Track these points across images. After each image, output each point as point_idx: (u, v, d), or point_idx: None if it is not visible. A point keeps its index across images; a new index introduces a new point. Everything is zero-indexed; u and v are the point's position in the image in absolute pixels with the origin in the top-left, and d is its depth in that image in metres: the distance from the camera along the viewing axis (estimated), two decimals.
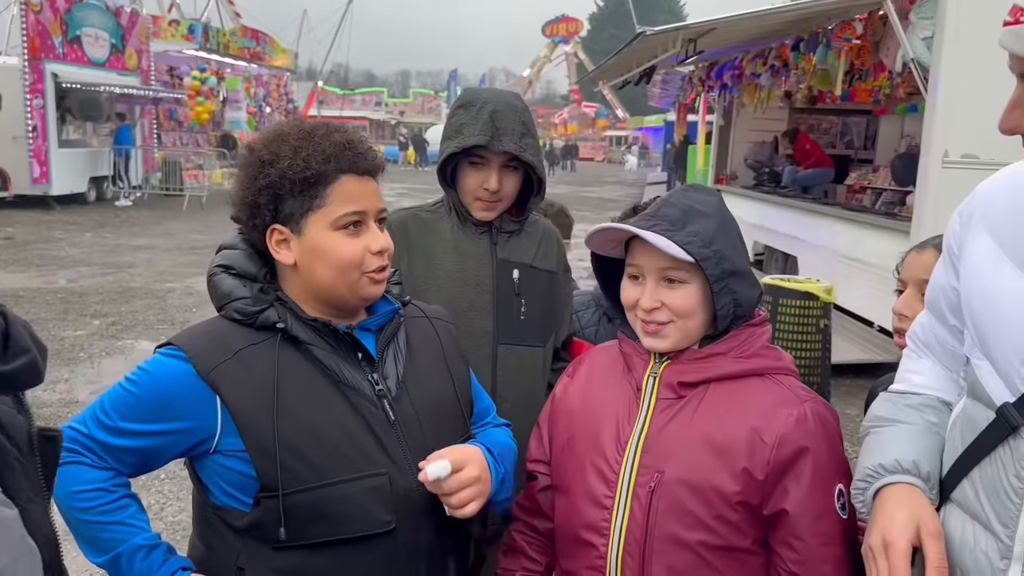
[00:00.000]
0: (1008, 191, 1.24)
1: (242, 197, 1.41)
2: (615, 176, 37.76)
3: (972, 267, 1.25)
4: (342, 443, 1.36)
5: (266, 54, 26.99)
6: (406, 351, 1.51)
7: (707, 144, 15.26)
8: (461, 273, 2.02)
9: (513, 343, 2.03)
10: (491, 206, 2.01)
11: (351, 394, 1.39)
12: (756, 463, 1.33)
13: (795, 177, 10.33)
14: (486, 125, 1.93)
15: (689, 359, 1.42)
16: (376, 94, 56.73)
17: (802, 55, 7.64)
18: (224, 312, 1.40)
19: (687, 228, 1.37)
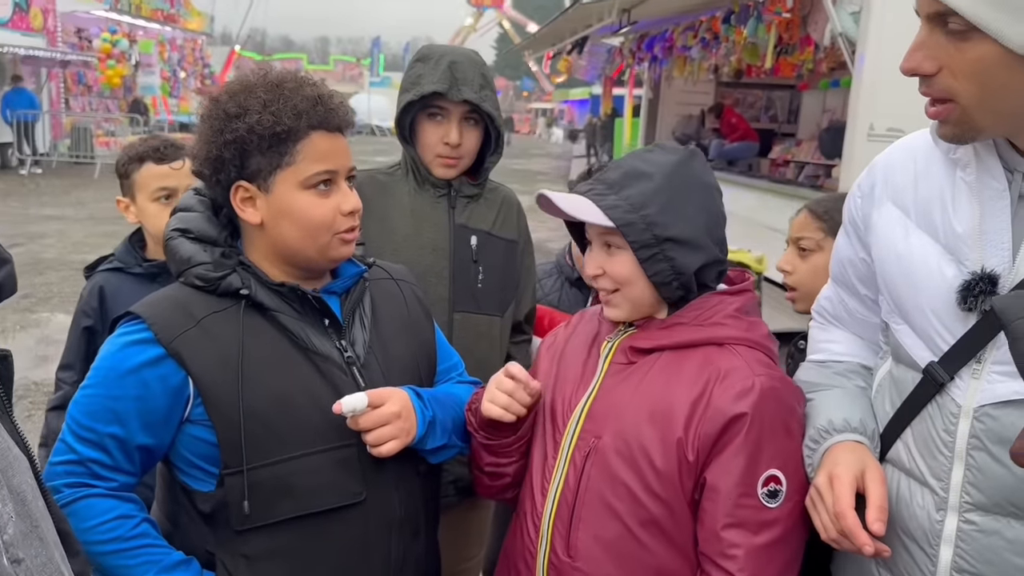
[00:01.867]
0: (907, 162, 1.30)
1: (206, 151, 1.33)
2: (542, 149, 37.84)
3: (883, 238, 1.30)
4: (311, 413, 1.31)
5: (180, 16, 25.93)
6: (372, 315, 1.46)
7: (634, 117, 15.38)
8: (417, 237, 1.97)
9: (469, 311, 1.99)
10: (452, 162, 1.96)
11: (320, 361, 1.35)
12: (689, 437, 1.28)
13: (721, 151, 10.52)
14: (445, 74, 1.88)
15: (652, 327, 1.39)
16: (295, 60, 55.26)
17: (733, 27, 7.74)
18: (184, 279, 1.34)
19: (622, 192, 1.32)
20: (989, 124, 1.12)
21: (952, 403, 1.19)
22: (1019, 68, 1.04)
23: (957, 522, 1.19)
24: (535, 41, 11.92)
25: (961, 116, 1.11)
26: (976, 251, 1.16)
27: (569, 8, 7.48)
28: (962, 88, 1.09)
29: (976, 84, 1.08)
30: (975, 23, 1.03)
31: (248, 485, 1.26)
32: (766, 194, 8.20)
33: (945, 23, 1.07)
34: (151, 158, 2.14)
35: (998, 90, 1.07)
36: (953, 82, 1.09)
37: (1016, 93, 1.07)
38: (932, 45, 1.09)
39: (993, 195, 1.15)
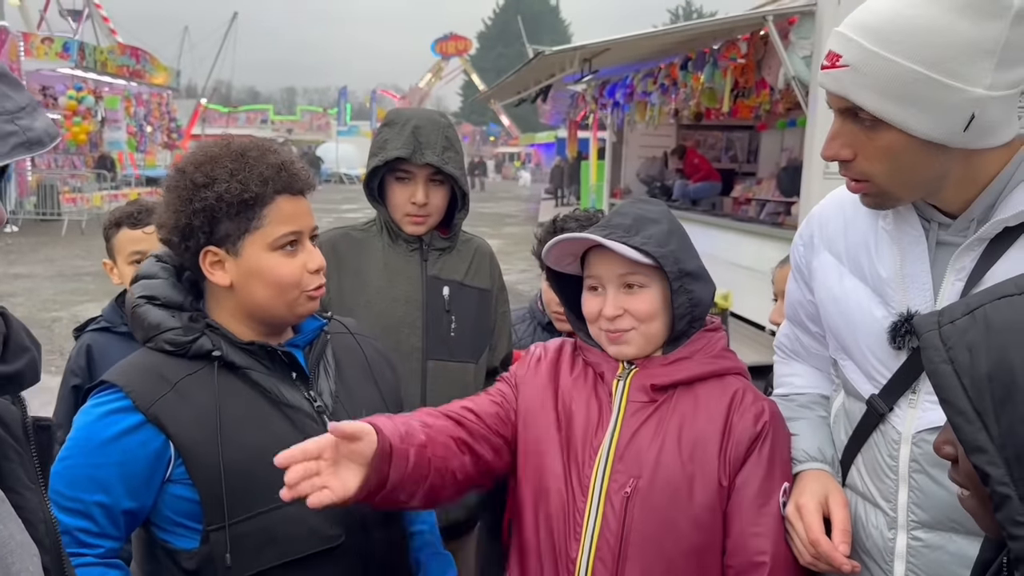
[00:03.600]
0: (837, 212, 1.42)
1: (175, 220, 1.40)
2: (510, 192, 38.16)
3: (821, 282, 1.43)
4: None
5: (146, 72, 25.97)
6: (335, 366, 1.54)
7: (599, 160, 15.66)
8: (390, 290, 2.06)
9: (443, 359, 2.08)
10: (420, 220, 2.06)
11: (292, 413, 1.41)
12: (723, 467, 1.38)
13: (685, 190, 10.76)
14: (408, 139, 2.00)
15: (658, 364, 1.46)
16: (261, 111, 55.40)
17: (690, 74, 7.99)
18: (153, 344, 1.39)
19: (641, 233, 1.42)
20: (905, 195, 1.23)
21: (893, 431, 1.30)
22: (924, 150, 1.16)
23: (906, 539, 1.30)
24: (499, 90, 12.17)
25: (879, 191, 1.23)
26: (900, 293, 1.28)
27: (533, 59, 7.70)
28: (876, 170, 1.20)
29: (888, 166, 1.19)
30: (881, 118, 1.14)
31: (233, 538, 1.31)
32: (729, 232, 8.40)
33: (856, 115, 1.18)
34: (126, 223, 2.25)
35: (908, 169, 1.19)
36: (868, 166, 1.21)
37: (925, 168, 1.19)
38: (847, 134, 1.20)
39: (911, 241, 1.27)
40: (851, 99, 1.16)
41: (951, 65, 1.10)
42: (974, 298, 0.85)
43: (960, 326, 0.82)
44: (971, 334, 0.80)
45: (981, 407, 0.77)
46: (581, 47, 7.67)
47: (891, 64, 1.11)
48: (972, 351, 0.79)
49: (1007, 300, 0.81)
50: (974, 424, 0.77)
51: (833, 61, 1.17)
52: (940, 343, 0.82)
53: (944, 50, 1.09)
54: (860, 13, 1.17)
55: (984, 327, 0.80)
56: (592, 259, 1.48)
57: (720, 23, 7.13)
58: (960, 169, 1.19)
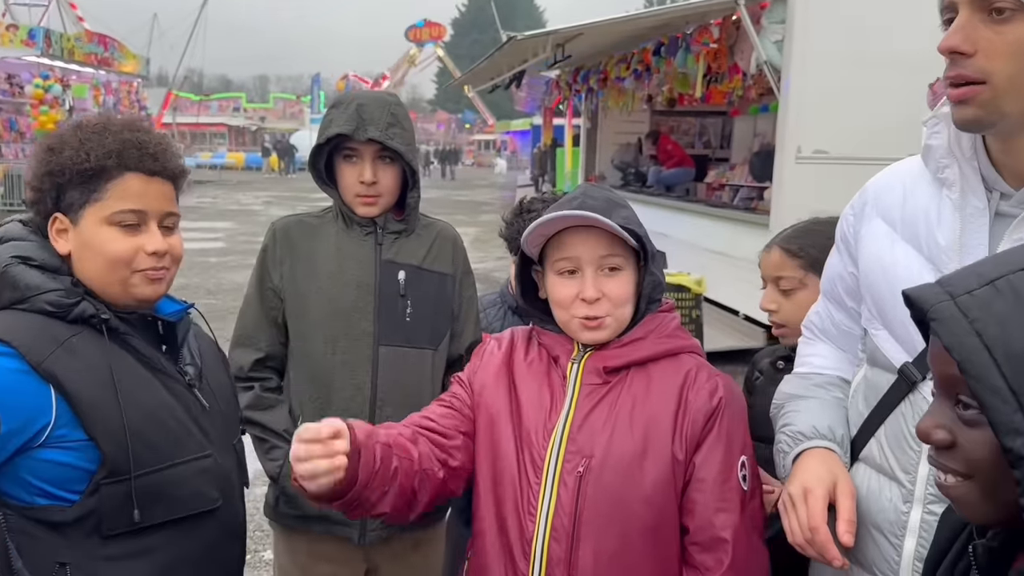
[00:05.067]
0: (896, 183, 1.41)
1: (29, 182, 1.43)
2: (486, 179, 38.07)
3: (870, 249, 1.40)
4: (174, 426, 1.41)
5: (115, 60, 25.56)
6: (196, 347, 1.56)
7: (574, 147, 15.66)
8: (342, 274, 2.02)
9: (397, 344, 2.03)
10: (371, 200, 2.02)
11: (168, 381, 1.44)
12: (678, 442, 1.39)
13: (659, 176, 10.78)
14: (352, 116, 1.96)
15: (612, 346, 1.46)
16: (234, 99, 54.90)
17: (663, 59, 7.99)
18: (28, 304, 1.34)
19: (616, 214, 1.41)
20: (1013, 109, 1.16)
21: (923, 400, 1.27)
22: None
23: (921, 513, 1.27)
24: (473, 76, 12.10)
25: (989, 98, 1.16)
26: (955, 262, 1.24)
27: (505, 44, 7.65)
28: (997, 68, 1.14)
29: (1012, 64, 1.13)
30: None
31: (124, 493, 1.32)
32: (703, 218, 8.43)
33: (988, 9, 1.13)
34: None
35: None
36: (988, 63, 1.14)
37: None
38: (972, 27, 1.14)
39: (975, 212, 1.24)
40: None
41: None
42: (985, 268, 0.80)
43: (983, 297, 0.76)
44: (999, 305, 0.75)
45: (1017, 385, 0.71)
46: (553, 32, 7.65)
47: None
48: (1004, 325, 0.73)
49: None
50: (1010, 404, 0.71)
51: None
52: (960, 314, 0.76)
53: None
54: None
55: (1014, 299, 0.74)
56: (568, 241, 1.44)
57: (692, 8, 7.12)
58: None
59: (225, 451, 1.52)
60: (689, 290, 6.09)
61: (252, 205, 21.12)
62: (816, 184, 5.85)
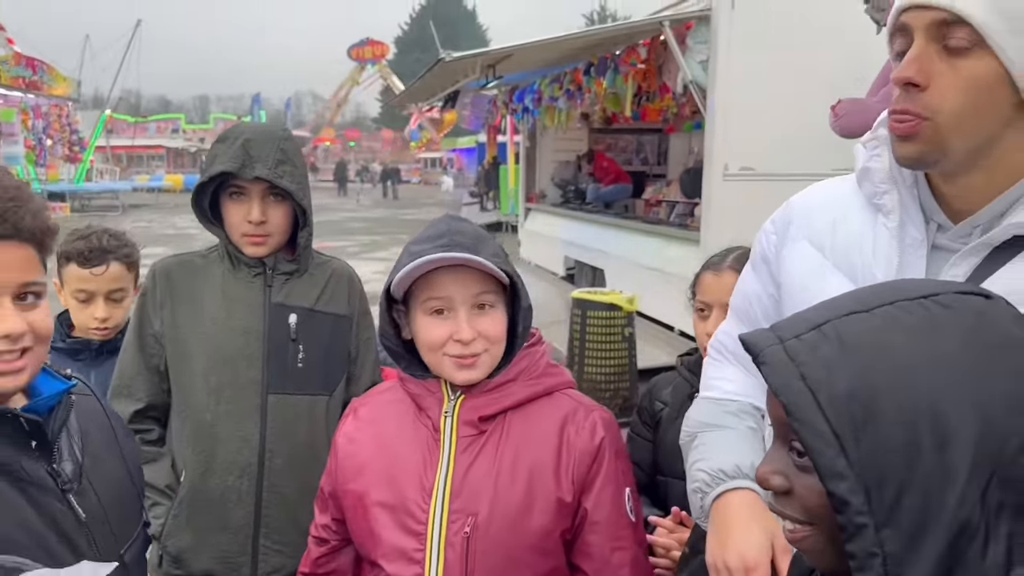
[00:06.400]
0: (826, 204, 1.33)
1: None
2: (432, 197, 37.95)
3: (796, 274, 1.32)
4: (32, 551, 1.13)
5: (44, 83, 24.91)
6: (80, 435, 1.28)
7: (517, 164, 15.69)
8: (228, 320, 1.94)
9: (287, 392, 1.95)
10: (259, 240, 1.94)
11: (34, 491, 1.16)
12: (564, 486, 1.37)
13: (598, 193, 10.85)
14: (237, 153, 1.86)
15: (482, 391, 1.41)
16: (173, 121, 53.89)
17: (593, 79, 8.04)
18: None
19: (483, 251, 1.36)
20: (956, 147, 1.12)
21: None
22: (1002, 95, 1.08)
23: None
24: (409, 95, 12.05)
25: (934, 135, 1.11)
26: None
27: (434, 65, 7.62)
28: (947, 105, 1.09)
29: (964, 100, 1.09)
30: (985, 34, 1.05)
31: None
32: (638, 234, 8.49)
33: (944, 41, 1.08)
34: (75, 259, 2.23)
35: (982, 110, 1.09)
36: (939, 99, 1.10)
37: (994, 115, 1.10)
38: (926, 60, 1.10)
39: (913, 244, 1.19)
40: (955, 8, 1.06)
41: None
42: (813, 314, 0.81)
43: (808, 341, 0.77)
44: (824, 350, 0.75)
45: (840, 429, 0.72)
46: (482, 53, 7.63)
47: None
48: (828, 368, 0.74)
49: (855, 317, 0.77)
50: (832, 447, 0.72)
51: None
52: (787, 358, 0.77)
53: None
54: None
55: (838, 343, 0.75)
56: (439, 280, 1.38)
57: (619, 28, 7.19)
58: (1005, 150, 1.12)
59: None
60: (621, 308, 6.12)
61: (189, 229, 20.65)
62: (744, 200, 5.92)
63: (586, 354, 6.21)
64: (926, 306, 0.77)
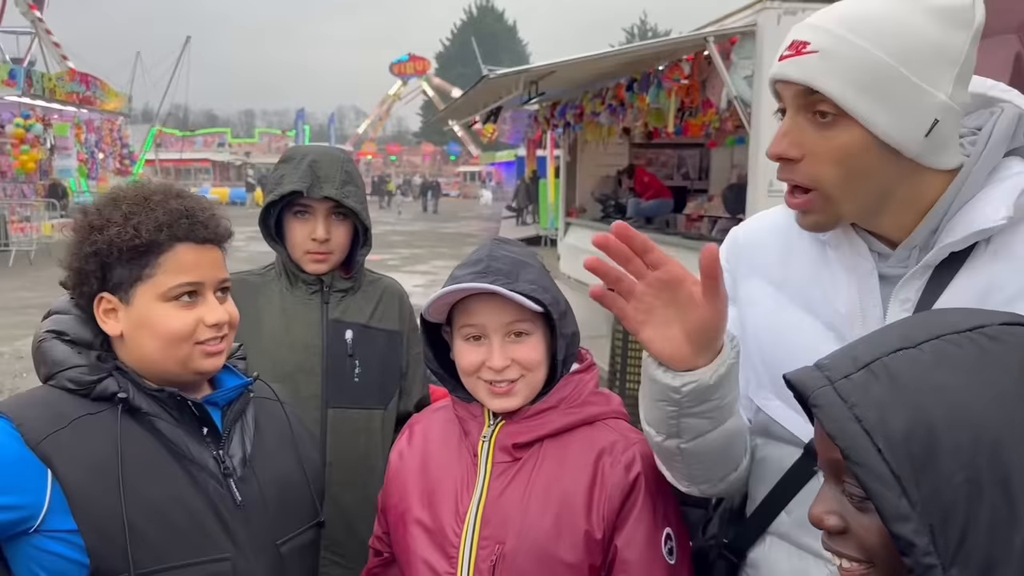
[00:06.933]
0: (770, 238, 1.33)
1: (69, 263, 1.33)
2: (471, 211, 38.17)
3: (753, 313, 1.32)
4: (184, 524, 1.27)
5: (97, 98, 25.60)
6: (254, 430, 1.43)
7: (556, 178, 15.73)
8: (287, 336, 1.99)
9: (346, 406, 1.99)
10: (322, 257, 1.99)
11: (196, 471, 1.31)
12: (594, 521, 1.32)
13: (638, 208, 10.83)
14: (305, 173, 1.93)
15: (522, 418, 1.39)
16: (219, 135, 55.03)
17: (636, 95, 8.05)
18: (55, 381, 1.29)
19: (522, 278, 1.35)
20: (850, 210, 1.15)
21: None
22: (879, 155, 1.10)
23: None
24: (453, 111, 12.19)
25: (824, 204, 1.14)
26: (859, 328, 1.18)
27: (478, 83, 7.71)
28: (825, 175, 1.12)
29: (840, 169, 1.11)
30: (844, 108, 1.08)
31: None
32: (681, 250, 8.45)
33: (812, 110, 1.11)
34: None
35: (861, 175, 1.11)
36: (817, 169, 1.12)
37: (878, 177, 1.12)
38: (798, 131, 1.12)
39: (865, 273, 1.19)
40: (816, 86, 1.08)
41: (920, 65, 1.07)
42: (859, 351, 0.80)
43: (859, 381, 0.76)
44: (876, 390, 0.75)
45: (900, 471, 0.71)
46: (525, 70, 7.70)
47: (864, 52, 1.07)
48: (882, 409, 0.73)
49: (904, 354, 0.76)
50: (894, 490, 0.71)
51: (798, 48, 1.11)
52: (840, 400, 0.76)
53: (915, 48, 1.07)
54: (832, 9, 1.12)
55: (890, 383, 0.75)
56: (473, 308, 1.38)
57: (663, 44, 7.20)
58: (905, 188, 1.14)
59: (259, 552, 1.34)
60: None
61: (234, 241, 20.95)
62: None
63: (628, 370, 6.18)
64: (974, 339, 0.77)
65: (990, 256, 1.14)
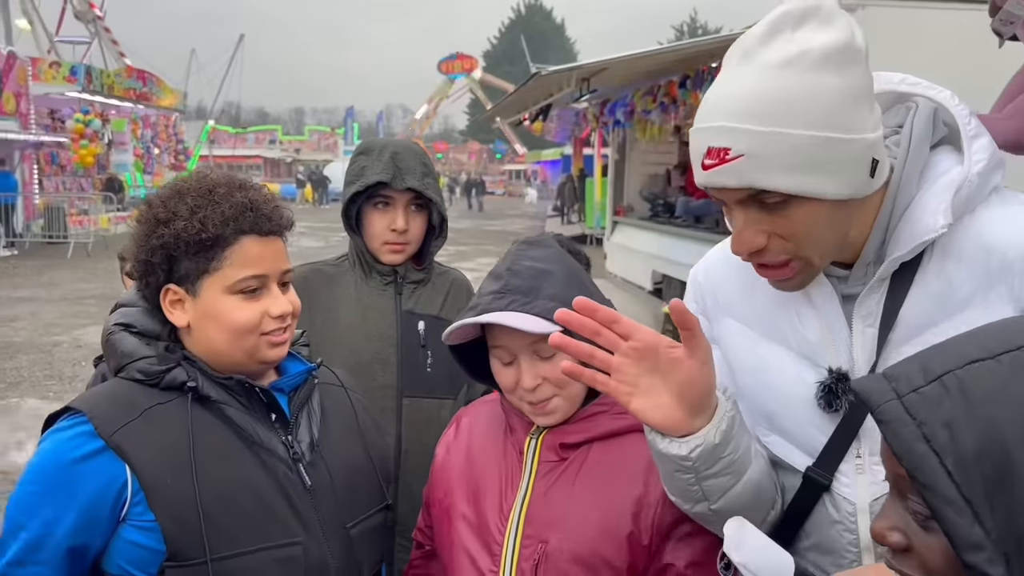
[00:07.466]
0: (730, 274, 1.32)
1: (136, 254, 1.35)
2: (517, 209, 38.21)
3: (734, 354, 1.31)
4: (256, 509, 1.29)
5: (153, 94, 26.21)
6: (320, 415, 1.45)
7: (603, 177, 15.67)
8: (363, 326, 2.02)
9: (419, 395, 2.02)
10: (399, 248, 2.03)
11: (266, 456, 1.33)
12: (641, 527, 1.28)
13: (688, 207, 10.72)
14: (388, 165, 1.97)
15: (574, 419, 1.37)
16: (270, 132, 55.91)
17: (689, 92, 7.99)
18: (125, 373, 1.31)
19: (542, 294, 1.30)
20: (824, 261, 1.16)
21: (845, 503, 1.19)
22: (835, 210, 1.10)
23: None
24: (502, 108, 12.21)
25: (802, 268, 1.15)
26: (831, 354, 1.20)
27: (529, 79, 7.70)
28: (795, 245, 1.12)
29: (806, 238, 1.11)
30: (794, 194, 1.07)
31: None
32: None
33: (760, 202, 1.10)
34: None
35: (823, 235, 1.12)
36: (784, 245, 1.12)
37: (837, 229, 1.13)
38: (755, 222, 1.12)
39: (825, 298, 1.20)
40: (759, 186, 1.07)
41: (840, 120, 1.06)
42: (929, 360, 0.75)
43: (930, 396, 0.71)
44: (947, 407, 0.69)
45: (971, 494, 0.66)
46: (577, 67, 7.68)
47: (786, 138, 1.05)
48: (952, 427, 0.68)
49: (980, 365, 0.71)
50: (965, 516, 0.66)
51: (721, 157, 1.08)
52: (908, 416, 0.70)
53: (827, 108, 1.05)
54: (722, 101, 1.09)
55: (962, 399, 0.69)
56: (497, 330, 1.34)
57: (716, 41, 7.12)
58: (857, 217, 1.15)
59: (330, 536, 1.35)
60: None
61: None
62: None
63: None
64: None
65: (939, 257, 1.15)
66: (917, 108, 1.19)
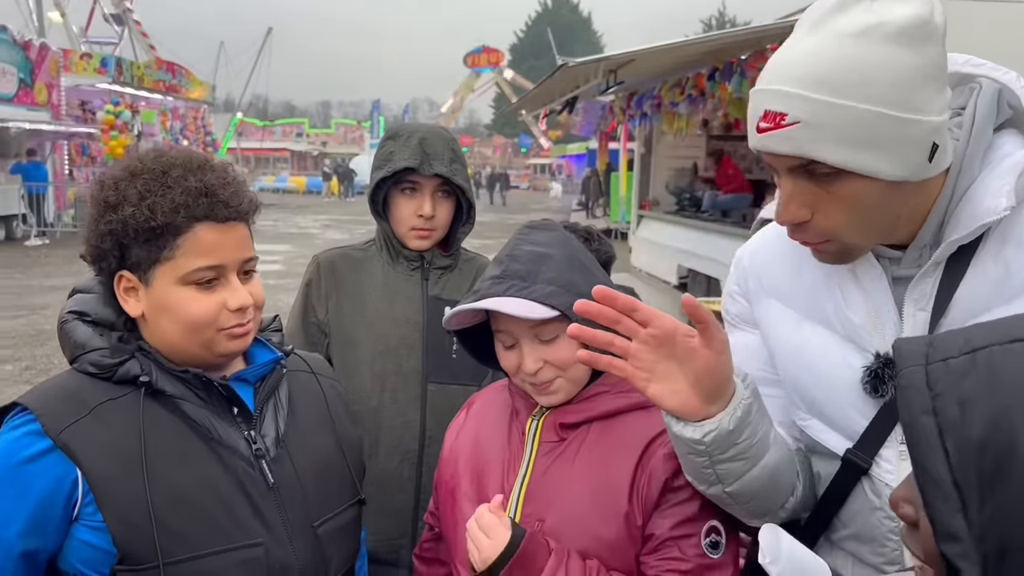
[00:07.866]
0: (777, 256, 1.31)
1: (87, 238, 1.27)
2: (541, 203, 38.14)
3: (776, 335, 1.29)
4: (213, 510, 1.22)
5: (182, 87, 26.49)
6: (287, 406, 1.37)
7: (629, 171, 15.58)
8: (390, 310, 2.02)
9: (444, 381, 2.02)
10: (426, 233, 2.02)
11: (225, 453, 1.25)
12: (635, 504, 1.29)
13: (715, 201, 10.63)
14: (416, 150, 1.95)
15: (576, 399, 1.38)
16: (297, 125, 56.30)
17: (718, 84, 7.90)
18: (78, 364, 1.24)
19: (540, 278, 1.30)
20: (866, 244, 1.15)
21: (886, 488, 1.17)
22: (887, 191, 1.07)
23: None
24: (528, 101, 12.18)
25: (842, 248, 1.14)
26: (877, 337, 1.17)
27: (556, 71, 7.67)
28: (838, 224, 1.10)
29: (850, 217, 1.09)
30: (846, 168, 1.04)
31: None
32: None
33: (810, 173, 1.07)
34: None
35: (871, 216, 1.09)
36: (828, 221, 1.10)
37: (887, 211, 1.10)
38: (801, 193, 1.10)
39: (874, 279, 1.18)
40: (811, 156, 1.05)
41: (904, 98, 1.02)
42: (976, 332, 0.68)
43: (955, 368, 0.64)
44: (968, 383, 0.63)
45: (963, 480, 0.60)
46: (605, 58, 7.64)
47: (846, 110, 1.02)
48: (964, 406, 0.62)
49: (1020, 346, 0.63)
50: (950, 501, 0.61)
51: (777, 121, 1.06)
52: (925, 385, 0.64)
53: (895, 84, 1.02)
54: (786, 65, 1.06)
55: (987, 377, 0.62)
56: (498, 314, 1.35)
57: (746, 33, 7.04)
58: (913, 201, 1.12)
59: (295, 536, 1.28)
60: None
61: (310, 228, 21.45)
62: None
63: None
64: None
65: (998, 241, 1.12)
66: (981, 89, 1.15)
